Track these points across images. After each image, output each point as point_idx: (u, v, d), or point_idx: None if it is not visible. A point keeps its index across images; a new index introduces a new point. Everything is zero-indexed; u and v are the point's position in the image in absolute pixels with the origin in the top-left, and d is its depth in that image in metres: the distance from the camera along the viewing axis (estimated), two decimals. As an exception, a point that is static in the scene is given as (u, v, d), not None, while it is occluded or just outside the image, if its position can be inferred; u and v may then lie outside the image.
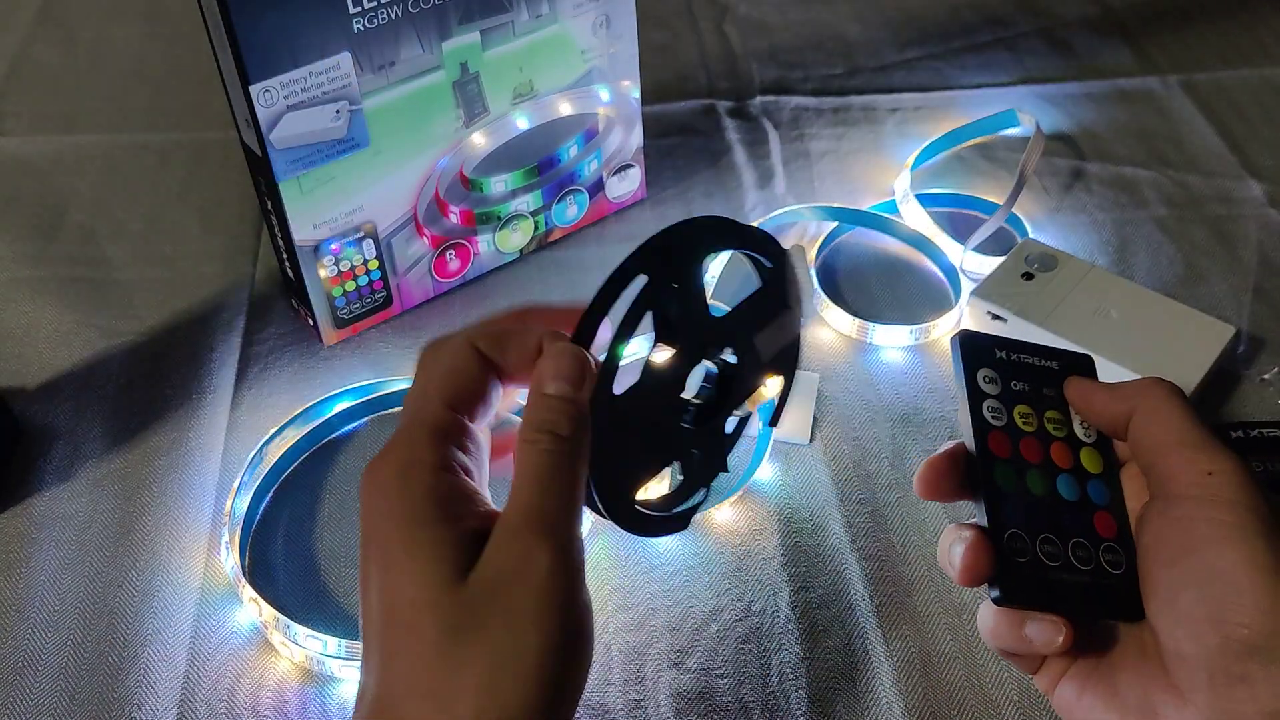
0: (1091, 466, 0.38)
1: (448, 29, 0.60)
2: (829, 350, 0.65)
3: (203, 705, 0.49)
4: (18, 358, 0.65)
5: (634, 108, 0.71)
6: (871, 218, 0.73)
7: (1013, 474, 0.38)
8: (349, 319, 0.65)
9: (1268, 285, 0.68)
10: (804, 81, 0.88)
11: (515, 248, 0.71)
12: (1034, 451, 0.39)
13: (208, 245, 0.73)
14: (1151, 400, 0.37)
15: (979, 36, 0.92)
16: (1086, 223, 0.73)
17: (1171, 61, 0.89)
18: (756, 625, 0.51)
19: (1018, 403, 0.39)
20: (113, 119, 0.85)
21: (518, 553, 0.32)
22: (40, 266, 0.71)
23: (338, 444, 0.60)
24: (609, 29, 0.66)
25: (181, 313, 0.68)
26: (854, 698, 0.48)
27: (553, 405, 0.35)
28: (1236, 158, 0.78)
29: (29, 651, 0.51)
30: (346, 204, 0.61)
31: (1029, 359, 0.40)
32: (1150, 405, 0.37)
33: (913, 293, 0.69)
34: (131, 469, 0.59)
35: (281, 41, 0.54)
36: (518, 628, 0.31)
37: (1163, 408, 0.37)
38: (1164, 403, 0.37)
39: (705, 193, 0.76)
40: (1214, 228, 0.72)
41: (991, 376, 0.40)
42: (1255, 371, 0.62)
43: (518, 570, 0.32)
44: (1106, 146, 0.80)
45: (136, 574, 0.54)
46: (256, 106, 0.55)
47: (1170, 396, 0.37)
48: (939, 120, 0.82)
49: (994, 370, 0.40)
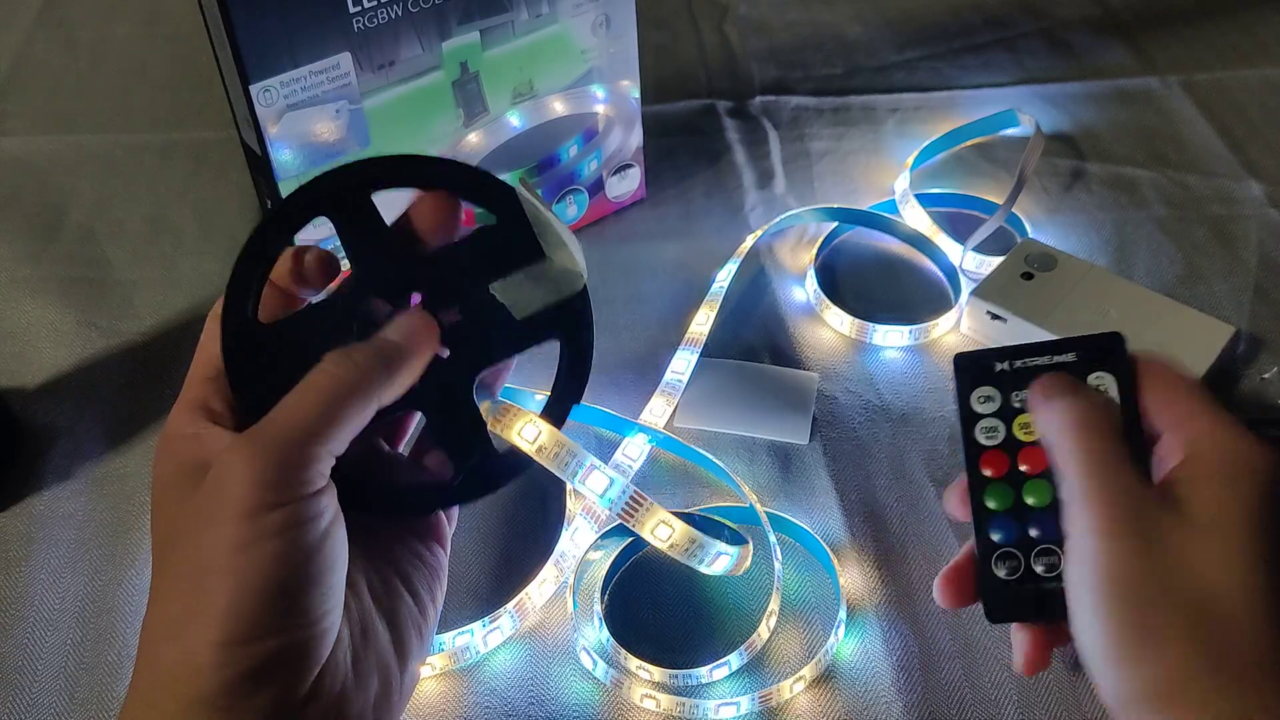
0: None
1: (447, 29, 0.60)
2: (828, 350, 0.65)
3: (202, 705, 0.49)
4: (18, 358, 0.65)
5: (634, 107, 0.71)
6: (871, 217, 0.73)
7: (1008, 491, 0.38)
8: (349, 319, 0.65)
9: (1268, 285, 0.68)
10: (804, 81, 0.88)
11: (515, 248, 0.71)
12: (1035, 461, 0.38)
13: (208, 245, 0.73)
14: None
15: (979, 37, 0.92)
16: (1086, 223, 0.73)
17: (1171, 61, 0.89)
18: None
19: (1019, 414, 0.39)
20: (113, 119, 0.85)
21: (226, 455, 0.33)
22: (40, 266, 0.71)
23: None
24: (609, 29, 0.66)
25: (181, 313, 0.68)
26: (854, 696, 0.48)
27: (374, 344, 0.36)
28: (1236, 158, 0.78)
29: (29, 651, 0.51)
30: (346, 204, 0.61)
31: (1037, 360, 0.39)
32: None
33: (912, 293, 0.69)
34: (131, 469, 0.59)
35: (281, 41, 0.54)
36: (205, 526, 0.32)
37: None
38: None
39: (705, 193, 0.76)
40: (1214, 228, 0.72)
41: (988, 395, 0.40)
42: (1255, 371, 0.62)
43: (221, 467, 0.33)
44: (1106, 146, 0.80)
45: (136, 574, 0.54)
46: (256, 106, 0.55)
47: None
48: (939, 120, 0.82)
49: (993, 386, 0.40)
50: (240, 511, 0.32)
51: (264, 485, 0.32)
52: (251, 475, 0.32)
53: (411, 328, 0.37)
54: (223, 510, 0.32)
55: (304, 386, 0.34)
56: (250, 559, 0.31)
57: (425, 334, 0.37)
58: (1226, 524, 0.33)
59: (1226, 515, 0.33)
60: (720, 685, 0.49)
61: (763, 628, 0.50)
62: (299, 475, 0.33)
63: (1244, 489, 0.33)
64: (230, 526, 0.32)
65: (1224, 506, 0.33)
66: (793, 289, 0.69)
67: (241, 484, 0.32)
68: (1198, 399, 0.37)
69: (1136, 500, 0.34)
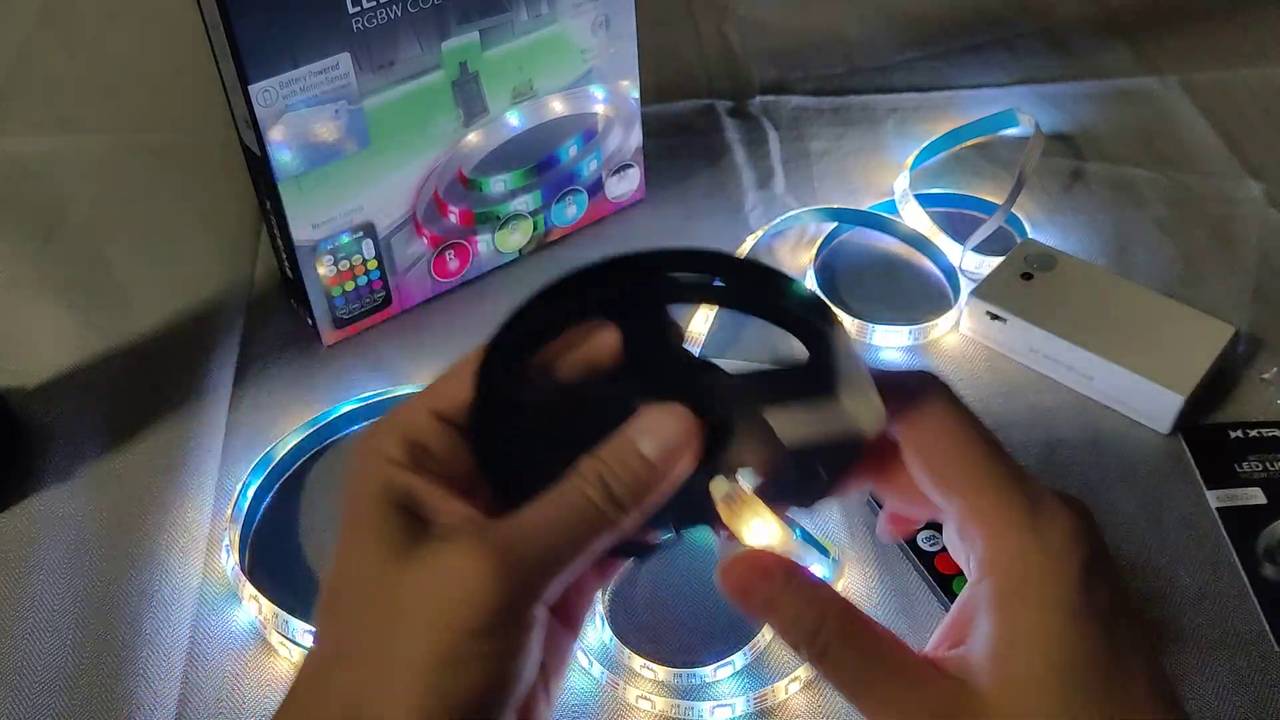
0: None
1: (447, 29, 0.60)
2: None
3: (202, 705, 0.49)
4: (18, 358, 0.65)
5: (633, 108, 0.71)
6: (871, 218, 0.73)
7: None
8: (348, 319, 0.65)
9: (1267, 285, 0.68)
10: (804, 81, 0.88)
11: (514, 248, 0.71)
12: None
13: (207, 245, 0.73)
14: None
15: (978, 36, 0.92)
16: (1086, 223, 0.73)
17: (1171, 61, 0.88)
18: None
19: None
20: (113, 119, 0.85)
21: (469, 562, 0.29)
22: (40, 266, 0.71)
23: (339, 446, 0.60)
24: (609, 29, 0.66)
25: (181, 313, 0.68)
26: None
27: (633, 465, 0.31)
28: (1236, 158, 0.78)
29: (29, 651, 0.51)
30: (346, 204, 0.61)
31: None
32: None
33: (912, 293, 0.69)
34: (131, 469, 0.59)
35: (281, 41, 0.54)
36: (424, 627, 0.29)
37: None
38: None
39: (705, 193, 0.76)
40: (1213, 228, 0.72)
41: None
42: (1255, 371, 0.62)
43: (458, 573, 0.29)
44: (1106, 146, 0.80)
45: (136, 574, 0.54)
46: (256, 106, 0.55)
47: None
48: (938, 120, 0.82)
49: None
50: (466, 627, 0.29)
51: (499, 610, 0.29)
52: (492, 593, 0.29)
53: (674, 449, 0.32)
54: (446, 614, 0.29)
55: (558, 503, 0.31)
56: (456, 677, 0.29)
57: (686, 457, 0.32)
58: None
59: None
60: (719, 685, 0.49)
61: (766, 628, 0.50)
62: (532, 607, 0.30)
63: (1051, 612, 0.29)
64: (449, 635, 0.29)
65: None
66: (792, 289, 0.69)
67: (478, 596, 0.29)
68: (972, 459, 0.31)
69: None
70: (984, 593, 0.30)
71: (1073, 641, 0.28)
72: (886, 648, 0.31)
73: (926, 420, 0.32)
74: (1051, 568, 0.29)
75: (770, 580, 0.32)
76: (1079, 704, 0.28)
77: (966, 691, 0.29)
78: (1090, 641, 0.28)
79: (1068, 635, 0.28)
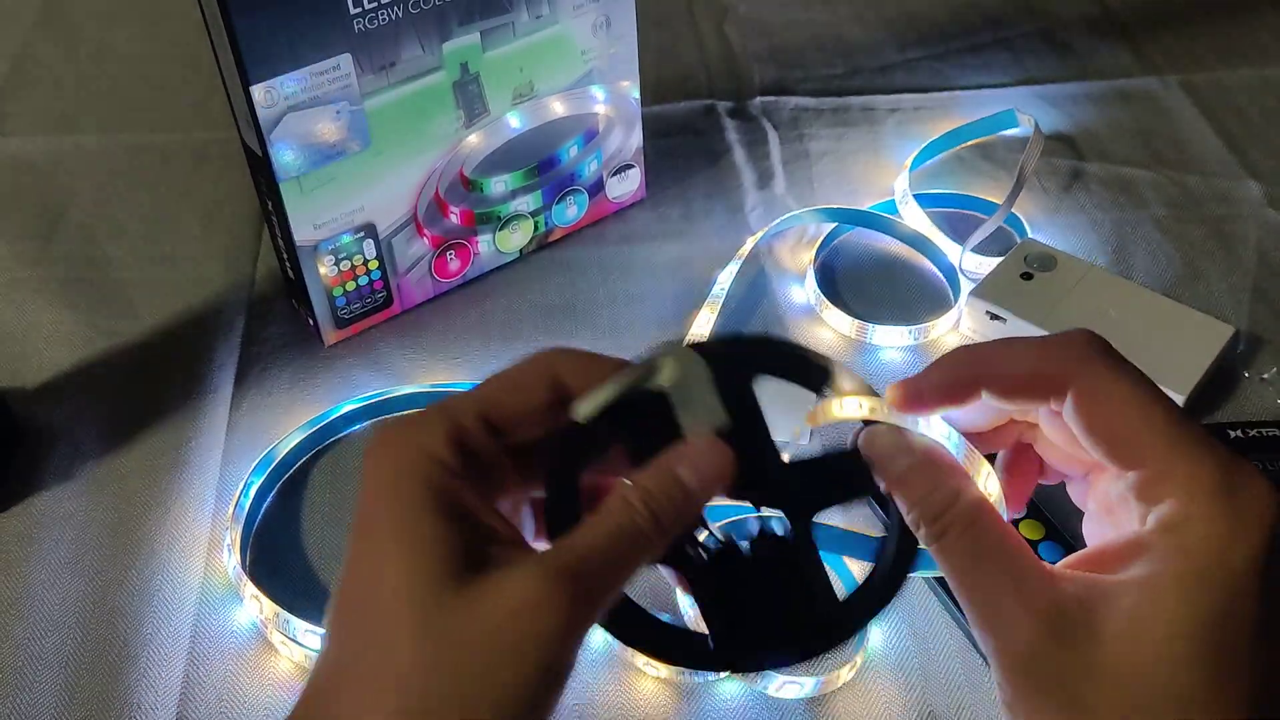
0: None
1: (448, 30, 0.60)
2: (828, 350, 0.65)
3: (202, 705, 0.49)
4: (18, 358, 0.65)
5: (634, 108, 0.71)
6: (871, 218, 0.73)
7: None
8: (349, 319, 0.65)
9: (1267, 285, 0.68)
10: (804, 82, 0.88)
11: (515, 248, 0.71)
12: None
13: (208, 245, 0.73)
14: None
15: (979, 37, 0.92)
16: (1085, 223, 0.73)
17: (1171, 61, 0.89)
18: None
19: None
20: (113, 119, 0.85)
21: (542, 592, 0.28)
22: (40, 266, 0.71)
23: (341, 445, 0.60)
24: (609, 29, 0.67)
25: (181, 313, 0.68)
26: (852, 697, 0.49)
27: (675, 492, 0.31)
28: (1236, 158, 0.78)
29: (29, 651, 0.51)
30: (347, 204, 0.61)
31: None
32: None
33: (912, 293, 0.69)
34: (131, 469, 0.59)
35: (282, 42, 0.54)
36: (496, 662, 0.28)
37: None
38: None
39: (705, 193, 0.76)
40: (1213, 228, 0.72)
41: None
42: (1254, 371, 0.63)
43: (533, 606, 0.28)
44: (1106, 146, 0.80)
45: (136, 574, 0.54)
46: (257, 107, 0.55)
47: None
48: (938, 120, 0.82)
49: None
50: (544, 661, 0.28)
51: (572, 642, 0.29)
52: (564, 625, 0.28)
53: (710, 479, 0.33)
54: (521, 646, 0.28)
55: (610, 529, 0.30)
56: (524, 713, 0.28)
57: (719, 486, 0.33)
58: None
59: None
60: (722, 684, 0.49)
61: None
62: (589, 629, 0.30)
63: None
64: (525, 668, 0.28)
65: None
66: (792, 289, 0.69)
67: (554, 630, 0.28)
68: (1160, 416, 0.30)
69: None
70: (1155, 541, 0.29)
71: (1231, 623, 0.27)
72: (1009, 548, 0.30)
73: (1099, 383, 0.30)
74: (1242, 538, 0.28)
75: (909, 454, 0.33)
76: (1204, 684, 0.27)
77: (1086, 619, 0.28)
78: (1250, 624, 0.27)
79: (1228, 616, 0.27)
